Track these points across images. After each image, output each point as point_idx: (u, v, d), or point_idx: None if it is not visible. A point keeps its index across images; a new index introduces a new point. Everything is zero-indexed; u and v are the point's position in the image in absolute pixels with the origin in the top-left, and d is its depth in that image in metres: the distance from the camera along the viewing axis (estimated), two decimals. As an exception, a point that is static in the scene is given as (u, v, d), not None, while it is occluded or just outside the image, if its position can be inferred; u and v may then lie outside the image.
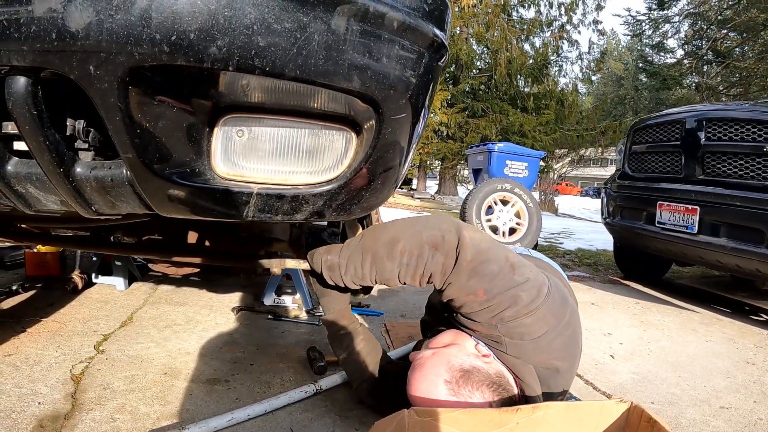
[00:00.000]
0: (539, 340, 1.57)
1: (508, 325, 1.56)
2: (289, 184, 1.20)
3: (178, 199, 1.14)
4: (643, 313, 3.93)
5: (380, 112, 1.15)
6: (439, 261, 1.61)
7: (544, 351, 1.59)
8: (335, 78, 1.05)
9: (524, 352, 1.57)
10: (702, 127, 3.95)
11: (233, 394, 2.03)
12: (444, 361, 1.56)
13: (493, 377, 1.54)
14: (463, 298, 1.60)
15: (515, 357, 1.58)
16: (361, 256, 1.68)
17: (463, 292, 1.60)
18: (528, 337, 1.56)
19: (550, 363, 1.61)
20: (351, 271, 1.69)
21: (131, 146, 1.02)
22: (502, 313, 1.55)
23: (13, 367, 2.10)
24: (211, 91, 1.06)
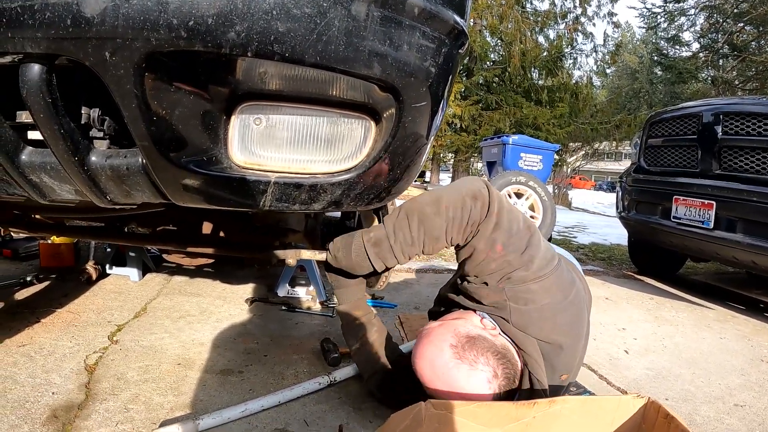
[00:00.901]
0: (543, 310, 1.62)
1: (515, 289, 1.62)
2: (307, 172, 1.19)
3: (194, 188, 1.13)
4: (657, 308, 3.90)
5: (400, 100, 1.13)
6: (478, 208, 1.67)
7: (547, 321, 1.63)
8: (356, 65, 1.03)
9: (528, 320, 1.61)
10: (719, 121, 3.89)
11: (247, 385, 2.03)
12: (451, 329, 1.59)
13: (498, 347, 1.55)
14: (482, 253, 1.66)
15: (519, 329, 1.62)
16: (407, 220, 1.71)
17: (484, 243, 1.66)
18: (532, 304, 1.62)
19: (553, 338, 1.63)
20: (401, 237, 1.71)
21: (147, 134, 1.01)
22: (512, 274, 1.62)
23: (27, 357, 2.11)
24: (228, 78, 1.05)
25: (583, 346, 1.79)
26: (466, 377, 1.50)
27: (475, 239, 1.68)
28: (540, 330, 1.62)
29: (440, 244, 1.74)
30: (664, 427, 1.31)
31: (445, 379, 1.52)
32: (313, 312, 2.99)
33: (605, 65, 19.14)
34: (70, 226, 2.31)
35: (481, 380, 1.50)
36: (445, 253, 5.27)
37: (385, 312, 3.15)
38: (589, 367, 2.54)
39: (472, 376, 1.50)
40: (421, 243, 1.73)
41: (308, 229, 2.18)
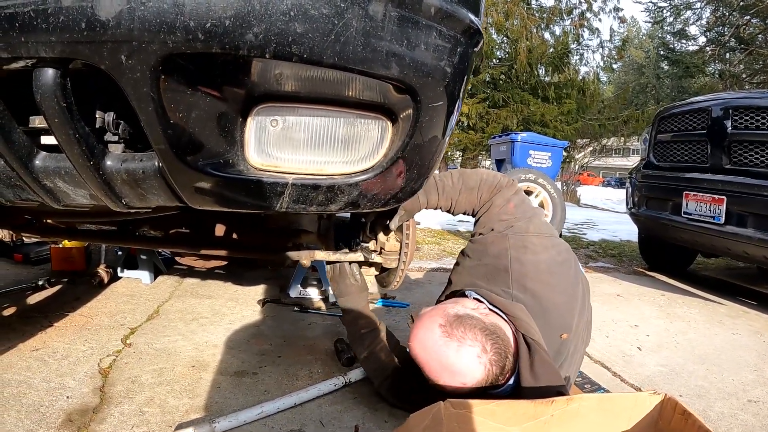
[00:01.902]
0: (539, 263, 1.78)
1: (517, 237, 1.83)
2: (324, 174, 1.19)
3: (210, 190, 1.12)
4: (669, 304, 3.88)
5: (418, 100, 1.12)
6: (506, 180, 2.05)
7: (543, 275, 1.77)
8: (374, 65, 1.02)
9: (526, 272, 1.76)
10: (728, 116, 3.86)
11: (261, 386, 2.04)
12: (440, 311, 1.63)
13: (487, 324, 1.58)
14: (497, 207, 1.96)
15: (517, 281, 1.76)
16: (450, 174, 2.07)
17: (502, 200, 1.97)
18: (531, 255, 1.79)
19: (547, 293, 1.75)
20: (445, 181, 2.05)
21: (164, 137, 1.00)
22: (518, 224, 1.87)
23: (41, 361, 2.12)
24: (244, 80, 1.04)
25: (579, 315, 1.83)
26: (456, 353, 1.51)
27: (496, 196, 1.99)
28: (535, 282, 1.74)
29: (472, 198, 2.03)
30: (681, 423, 1.30)
31: (437, 358, 1.54)
32: (326, 312, 2.99)
33: (612, 60, 19.05)
34: (82, 230, 2.32)
35: (470, 356, 1.51)
36: (456, 251, 5.28)
37: (398, 312, 3.15)
38: (602, 364, 2.54)
39: (461, 352, 1.51)
40: (458, 191, 2.03)
41: (322, 229, 2.18)
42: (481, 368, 1.51)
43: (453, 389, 1.52)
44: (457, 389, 1.52)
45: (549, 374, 1.54)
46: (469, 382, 1.51)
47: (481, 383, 1.51)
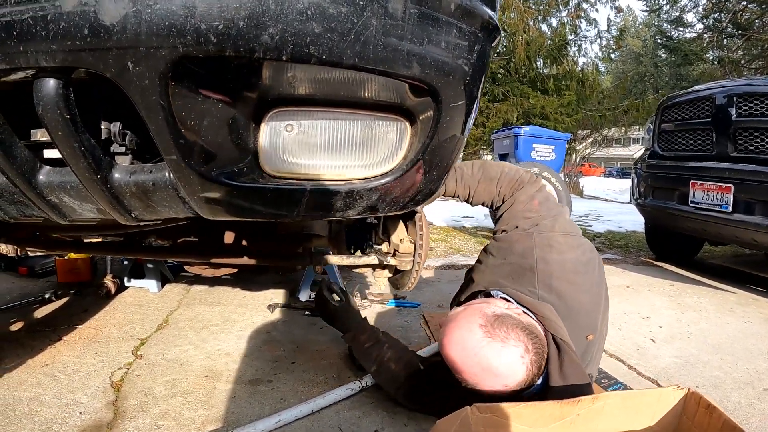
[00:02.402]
0: (566, 263, 1.75)
1: (542, 235, 1.79)
2: (343, 179, 1.16)
3: (224, 201, 1.09)
4: (679, 294, 3.86)
5: (439, 100, 1.09)
6: (528, 175, 2.02)
7: (569, 274, 1.74)
8: (394, 65, 0.99)
9: (552, 271, 1.72)
10: (732, 103, 3.84)
11: (277, 394, 2.01)
12: (477, 310, 1.58)
13: (524, 324, 1.55)
14: (521, 204, 1.91)
15: (542, 281, 1.71)
16: (471, 164, 2.07)
17: (526, 196, 1.92)
18: (557, 254, 1.75)
19: (573, 293, 1.72)
20: (464, 169, 2.04)
21: (175, 147, 0.97)
22: (543, 222, 1.82)
23: (52, 377, 2.08)
24: (258, 84, 1.01)
25: (602, 310, 1.82)
26: (499, 354, 1.47)
27: (519, 192, 1.94)
28: (561, 282, 1.71)
29: (491, 188, 2.01)
30: (706, 417, 1.28)
31: (478, 360, 1.48)
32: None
33: (610, 50, 19.00)
34: (88, 243, 2.29)
35: (514, 356, 1.47)
36: (463, 248, 5.26)
37: (409, 312, 3.13)
38: (617, 357, 2.52)
39: (504, 353, 1.47)
40: (476, 180, 2.02)
41: (333, 233, 2.15)
42: (524, 369, 1.48)
43: (492, 393, 1.48)
44: (496, 392, 1.48)
45: (577, 375, 1.51)
46: (511, 384, 1.47)
47: (520, 385, 1.48)
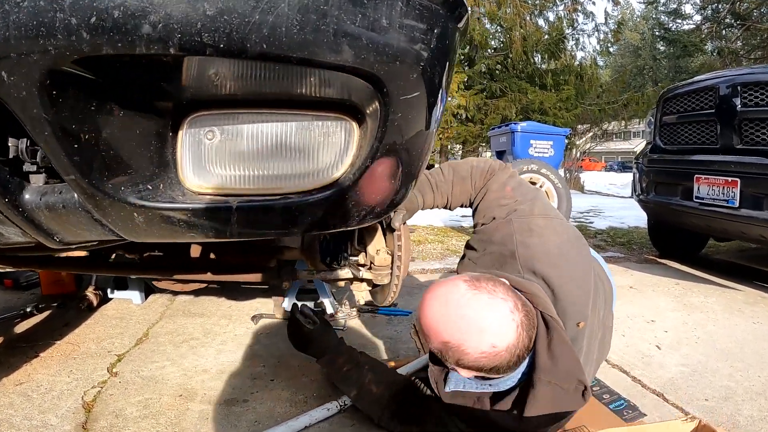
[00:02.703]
0: (548, 244, 1.65)
1: (521, 220, 1.71)
2: (277, 193, 0.99)
3: (144, 222, 0.95)
4: (684, 294, 3.74)
5: (385, 92, 0.91)
6: (497, 164, 1.97)
7: (552, 257, 1.63)
8: (318, 50, 0.81)
9: (534, 253, 1.62)
10: (737, 93, 3.70)
11: (252, 415, 1.90)
12: (460, 276, 1.49)
13: (512, 287, 1.47)
14: (494, 193, 1.85)
15: (524, 265, 1.62)
16: (440, 169, 1.99)
17: (497, 185, 1.86)
18: (538, 237, 1.66)
19: (557, 277, 1.60)
20: (436, 176, 1.96)
21: (71, 165, 0.84)
22: (520, 207, 1.75)
23: (24, 396, 2.01)
24: (162, 85, 0.86)
25: (594, 304, 1.69)
26: (487, 306, 1.36)
27: (491, 182, 1.89)
28: (545, 265, 1.60)
29: (466, 187, 1.93)
30: (720, 452, 1.14)
31: (463, 313, 1.36)
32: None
33: (608, 44, 18.85)
34: (54, 259, 2.16)
35: (503, 310, 1.36)
36: (460, 249, 5.13)
37: (400, 321, 3.01)
38: (620, 368, 2.39)
39: (493, 305, 1.36)
40: (450, 183, 1.94)
41: (305, 244, 2.01)
42: (514, 328, 1.37)
43: (478, 360, 1.36)
44: (482, 359, 1.36)
45: (567, 356, 1.42)
46: (500, 346, 1.35)
47: (510, 352, 1.36)
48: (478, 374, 1.44)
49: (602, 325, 1.81)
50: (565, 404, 1.43)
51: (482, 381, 1.53)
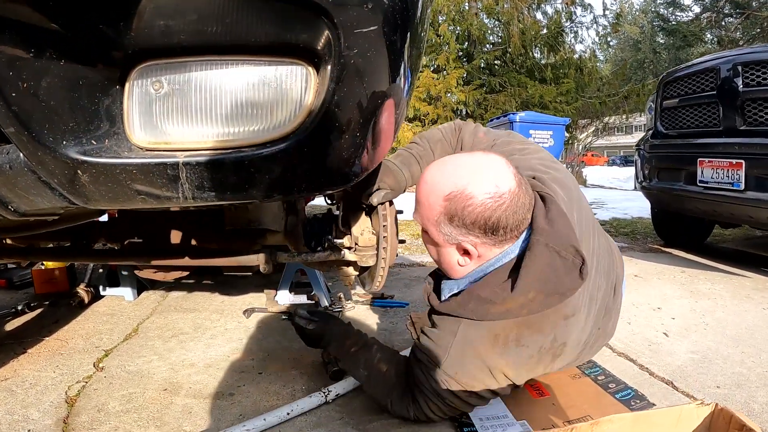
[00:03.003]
0: (530, 160, 1.74)
1: (501, 150, 1.78)
2: (228, 147, 0.90)
3: (92, 183, 0.87)
4: (691, 282, 3.64)
5: (333, 22, 0.82)
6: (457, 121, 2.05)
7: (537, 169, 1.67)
8: None
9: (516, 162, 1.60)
10: (738, 73, 3.61)
11: (236, 409, 1.83)
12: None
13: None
14: (468, 142, 1.94)
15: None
16: (414, 141, 1.98)
17: (469, 134, 1.96)
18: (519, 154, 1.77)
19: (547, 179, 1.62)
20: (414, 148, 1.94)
21: (11, 117, 0.77)
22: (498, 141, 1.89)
23: (8, 391, 1.97)
24: (103, 29, 0.78)
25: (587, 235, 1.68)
26: (484, 157, 1.48)
27: (462, 134, 1.97)
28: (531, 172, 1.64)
29: (444, 147, 1.95)
30: (739, 441, 1.04)
31: (462, 163, 1.47)
32: (317, 318, 2.74)
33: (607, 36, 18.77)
34: (36, 249, 2.09)
35: (500, 160, 1.47)
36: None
37: (396, 312, 2.92)
38: (626, 356, 2.29)
39: (489, 157, 1.48)
40: (429, 150, 1.92)
41: (289, 227, 1.92)
42: (512, 174, 1.44)
43: (481, 207, 1.40)
44: (485, 205, 1.40)
45: (564, 223, 1.45)
46: (502, 186, 1.40)
47: (513, 201, 1.41)
48: (484, 239, 1.46)
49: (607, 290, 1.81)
50: (562, 274, 1.42)
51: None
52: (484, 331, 1.51)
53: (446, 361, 1.53)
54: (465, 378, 1.53)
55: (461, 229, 1.44)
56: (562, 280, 1.42)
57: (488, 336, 1.51)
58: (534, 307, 1.45)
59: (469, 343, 1.52)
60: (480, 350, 1.51)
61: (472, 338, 1.51)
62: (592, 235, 1.69)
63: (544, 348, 1.54)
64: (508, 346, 1.51)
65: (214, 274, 3.67)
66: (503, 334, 1.50)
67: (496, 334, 1.50)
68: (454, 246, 1.51)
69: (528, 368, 1.57)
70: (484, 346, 1.51)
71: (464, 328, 1.53)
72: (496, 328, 1.50)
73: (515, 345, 1.51)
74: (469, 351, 1.52)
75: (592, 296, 1.68)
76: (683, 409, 1.11)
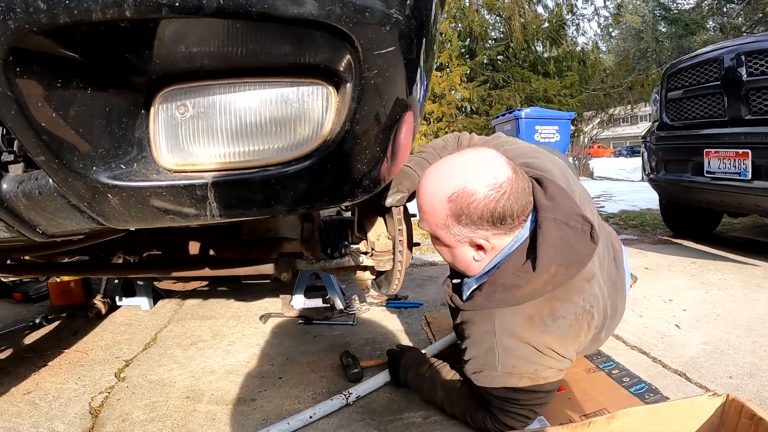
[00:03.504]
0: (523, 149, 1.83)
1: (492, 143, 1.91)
2: (254, 165, 0.93)
3: (120, 204, 0.90)
4: (701, 272, 3.64)
5: (354, 46, 0.84)
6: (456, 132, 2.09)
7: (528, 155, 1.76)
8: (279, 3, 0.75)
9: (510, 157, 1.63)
10: (741, 63, 3.61)
11: (259, 414, 1.86)
12: None
13: None
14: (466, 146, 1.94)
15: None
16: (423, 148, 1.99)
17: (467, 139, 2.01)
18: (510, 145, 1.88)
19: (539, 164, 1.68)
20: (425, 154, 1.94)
21: (41, 145, 0.80)
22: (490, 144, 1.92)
23: (32, 404, 2.00)
24: (128, 58, 0.81)
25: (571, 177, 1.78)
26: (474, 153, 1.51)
27: (460, 140, 2.01)
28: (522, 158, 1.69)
29: (448, 152, 1.91)
30: (749, 430, 1.07)
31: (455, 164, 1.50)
32: (332, 322, 2.79)
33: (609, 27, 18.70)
34: (55, 264, 2.12)
35: (489, 152, 1.50)
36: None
37: (410, 313, 2.95)
38: (639, 349, 2.31)
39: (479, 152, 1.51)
40: (436, 155, 1.89)
41: (305, 234, 1.95)
42: (504, 162, 1.48)
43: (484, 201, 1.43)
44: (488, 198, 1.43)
45: (564, 196, 1.51)
46: (500, 176, 1.44)
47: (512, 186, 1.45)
48: (494, 231, 1.49)
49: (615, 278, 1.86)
50: (575, 243, 1.47)
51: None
52: (519, 316, 1.53)
53: (499, 360, 1.54)
54: (524, 367, 1.54)
55: (470, 226, 1.47)
56: (576, 248, 1.46)
57: (524, 319, 1.52)
58: (558, 281, 1.48)
59: (510, 334, 1.53)
60: (522, 335, 1.52)
61: (510, 327, 1.53)
62: (587, 208, 1.70)
63: (578, 314, 1.56)
64: (546, 323, 1.52)
65: (231, 282, 3.69)
66: (537, 313, 1.52)
67: (530, 315, 1.52)
68: (466, 244, 1.54)
69: (572, 339, 1.58)
70: (524, 330, 1.52)
71: (499, 322, 1.54)
72: (528, 309, 1.52)
73: (552, 320, 1.52)
74: (514, 341, 1.53)
75: (601, 263, 1.72)
76: (695, 401, 1.14)
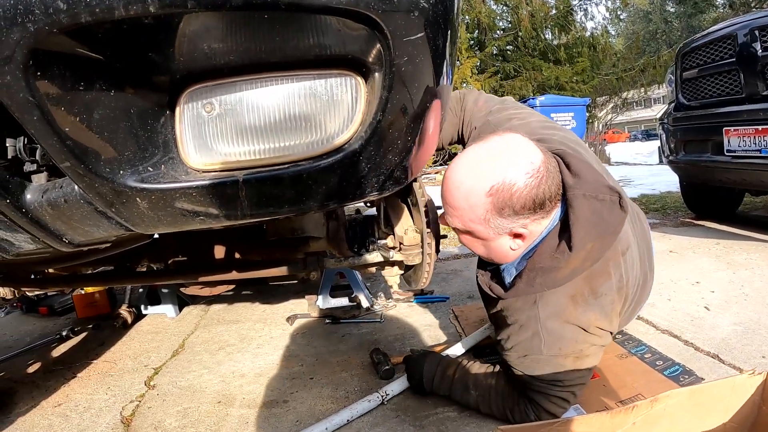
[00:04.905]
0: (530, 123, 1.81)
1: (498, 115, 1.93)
2: (285, 161, 0.92)
3: (149, 207, 0.89)
4: (726, 253, 3.59)
5: (384, 34, 0.82)
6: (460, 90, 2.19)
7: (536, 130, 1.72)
8: None
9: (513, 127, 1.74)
10: (756, 38, 3.54)
11: (293, 415, 1.86)
12: None
13: None
14: (470, 110, 2.06)
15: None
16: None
17: (471, 101, 2.08)
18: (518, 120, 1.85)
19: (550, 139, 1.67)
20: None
21: (66, 151, 0.79)
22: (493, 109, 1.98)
23: (63, 417, 2.01)
24: (151, 57, 0.79)
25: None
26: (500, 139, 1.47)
27: (465, 102, 2.09)
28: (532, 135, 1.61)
29: (451, 117, 2.09)
30: (790, 405, 1.05)
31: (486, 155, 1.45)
32: (359, 320, 2.79)
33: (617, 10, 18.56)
34: (80, 275, 2.13)
35: (514, 136, 1.47)
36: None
37: (437, 307, 2.93)
38: (670, 333, 2.28)
39: (504, 137, 1.48)
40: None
41: (331, 233, 1.94)
42: (533, 145, 1.45)
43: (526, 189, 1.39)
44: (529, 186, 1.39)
45: (589, 170, 1.48)
46: (536, 161, 1.40)
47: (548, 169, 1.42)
48: (534, 217, 1.46)
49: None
50: (607, 215, 1.45)
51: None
52: (561, 298, 1.53)
53: (545, 343, 1.54)
54: (570, 347, 1.54)
55: (512, 217, 1.44)
56: (608, 220, 1.45)
57: (566, 300, 1.52)
58: (595, 255, 1.47)
59: (554, 316, 1.53)
60: (567, 316, 1.52)
61: (553, 310, 1.53)
62: (607, 175, 1.70)
63: (616, 288, 1.57)
64: (588, 301, 1.52)
65: (256, 285, 3.70)
66: (578, 293, 1.52)
67: (572, 296, 1.52)
68: (505, 235, 1.51)
69: (614, 312, 1.58)
70: (567, 311, 1.52)
71: (542, 306, 1.54)
72: (569, 290, 1.52)
73: (593, 298, 1.52)
74: (558, 322, 1.53)
75: (633, 229, 1.74)
76: (736, 380, 1.13)
